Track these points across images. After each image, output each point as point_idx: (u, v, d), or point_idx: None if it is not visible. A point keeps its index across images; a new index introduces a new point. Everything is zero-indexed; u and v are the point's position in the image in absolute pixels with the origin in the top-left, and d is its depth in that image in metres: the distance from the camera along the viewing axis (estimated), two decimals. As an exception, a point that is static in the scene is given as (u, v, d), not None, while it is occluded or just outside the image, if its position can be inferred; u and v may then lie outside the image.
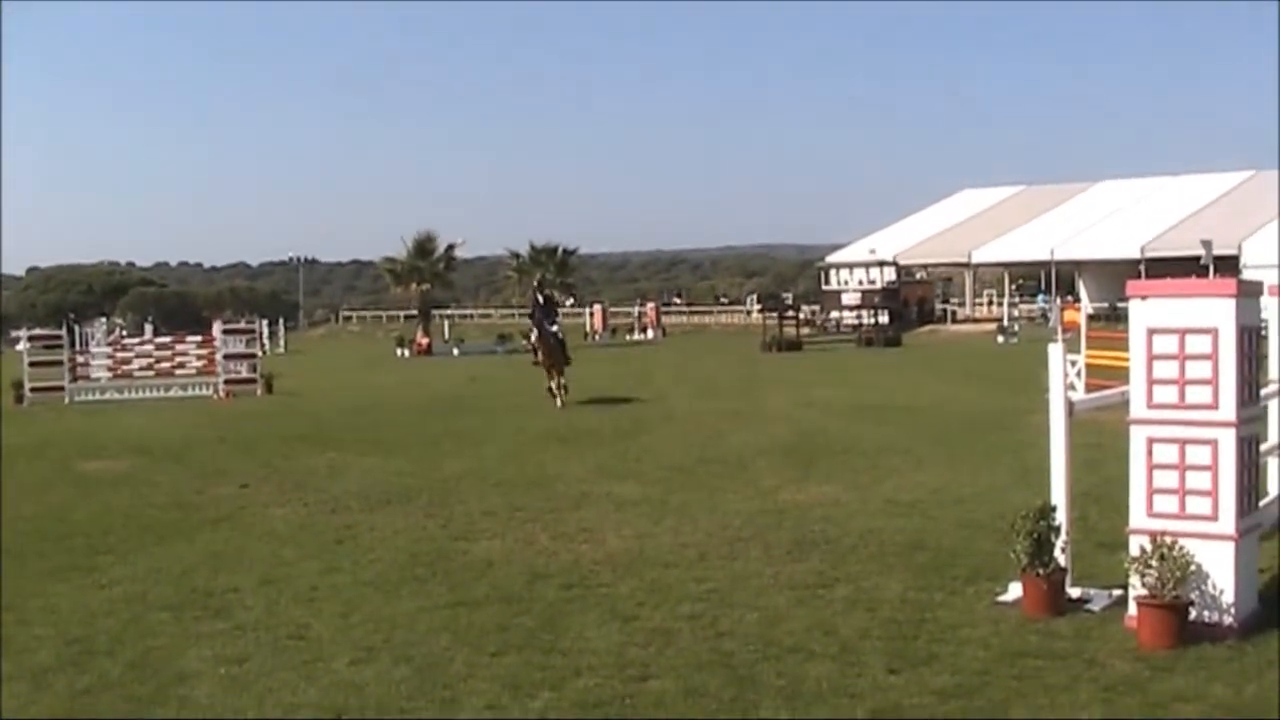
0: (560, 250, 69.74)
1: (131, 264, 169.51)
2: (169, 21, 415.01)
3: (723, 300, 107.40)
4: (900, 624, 8.70)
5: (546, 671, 7.78)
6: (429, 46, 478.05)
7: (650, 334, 75.55)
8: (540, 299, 28.10)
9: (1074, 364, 16.97)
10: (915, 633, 8.47)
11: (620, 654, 8.12)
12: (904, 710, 6.98)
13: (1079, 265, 70.81)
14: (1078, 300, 63.07)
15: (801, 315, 62.86)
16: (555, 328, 27.20)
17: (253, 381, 35.32)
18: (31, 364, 35.73)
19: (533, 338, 28.22)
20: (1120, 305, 43.35)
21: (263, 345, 53.47)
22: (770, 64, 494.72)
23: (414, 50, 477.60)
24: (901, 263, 72.98)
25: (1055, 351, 9.29)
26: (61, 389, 34.29)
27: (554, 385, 26.53)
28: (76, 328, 61.57)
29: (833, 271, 73.52)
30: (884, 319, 60.96)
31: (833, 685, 7.40)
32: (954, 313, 76.15)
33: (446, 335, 72.53)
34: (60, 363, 35.60)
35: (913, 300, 71.96)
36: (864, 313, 64.01)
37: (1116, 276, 48.03)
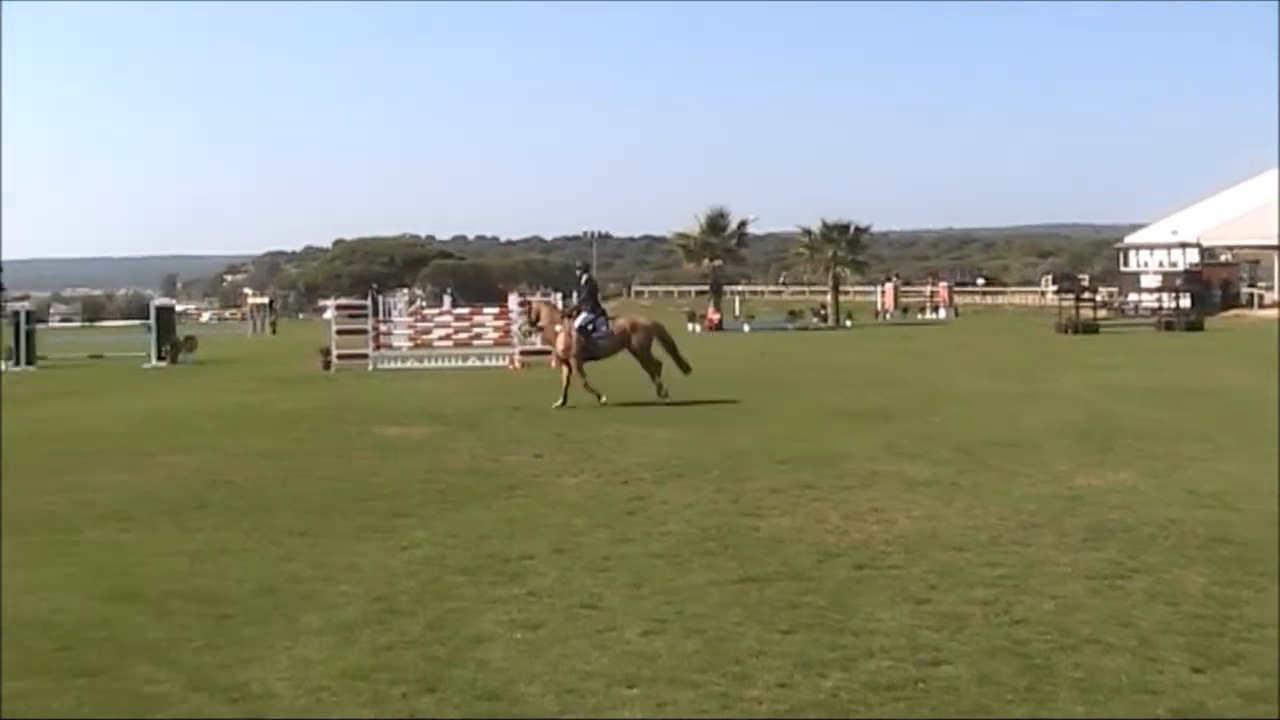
0: (852, 227, 68.94)
1: (431, 237, 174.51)
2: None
3: (979, 281, 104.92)
4: (1203, 620, 8.38)
5: (837, 651, 7.74)
6: (722, 24, 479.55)
7: (942, 313, 74.44)
8: (584, 281, 25.01)
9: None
10: (1219, 630, 8.15)
11: (911, 636, 8.03)
12: (1208, 711, 6.73)
13: (1402, 246, 67.08)
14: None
15: (1098, 297, 60.99)
16: (588, 318, 23.94)
17: (546, 353, 35.93)
18: (338, 332, 37.11)
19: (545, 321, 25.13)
20: None
21: (556, 317, 54.36)
22: (1067, 37, 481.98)
23: (708, 28, 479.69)
24: (1205, 244, 70.30)
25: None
26: (365, 356, 35.58)
27: (568, 383, 23.26)
28: (379, 298, 63.57)
29: (1132, 253, 71.33)
30: (1185, 302, 58.76)
31: (1131, 680, 7.18)
32: (1260, 297, 72.84)
33: (737, 311, 72.64)
34: (364, 331, 36.96)
35: (1215, 283, 69.23)
36: (1164, 295, 61.81)
37: None
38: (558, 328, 24.30)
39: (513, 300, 38.91)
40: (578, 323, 23.92)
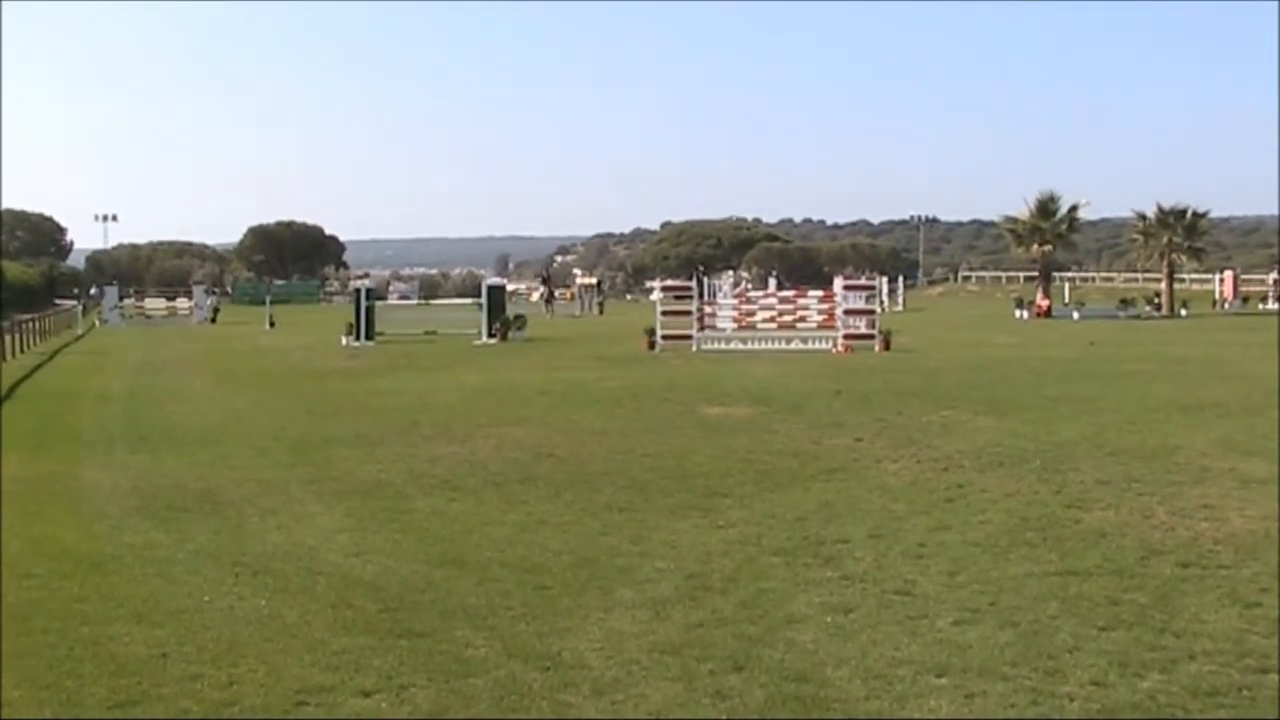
0: (1189, 212, 66.20)
1: (758, 220, 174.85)
2: None
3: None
4: None
5: (1157, 652, 7.48)
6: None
7: (1287, 304, 70.93)
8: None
9: None
10: None
11: (1239, 641, 7.68)
12: None
13: None
14: None
15: None
16: None
17: (871, 337, 35.75)
18: (663, 313, 37.54)
19: None
20: None
21: (881, 302, 54.15)
22: None
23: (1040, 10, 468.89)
24: None
25: None
26: (689, 337, 35.93)
27: None
28: (705, 280, 64.11)
29: None
30: None
31: None
32: None
33: (1066, 298, 70.88)
34: (689, 312, 37.34)
35: None
36: None
37: None
38: None
39: (838, 284, 38.80)
40: None
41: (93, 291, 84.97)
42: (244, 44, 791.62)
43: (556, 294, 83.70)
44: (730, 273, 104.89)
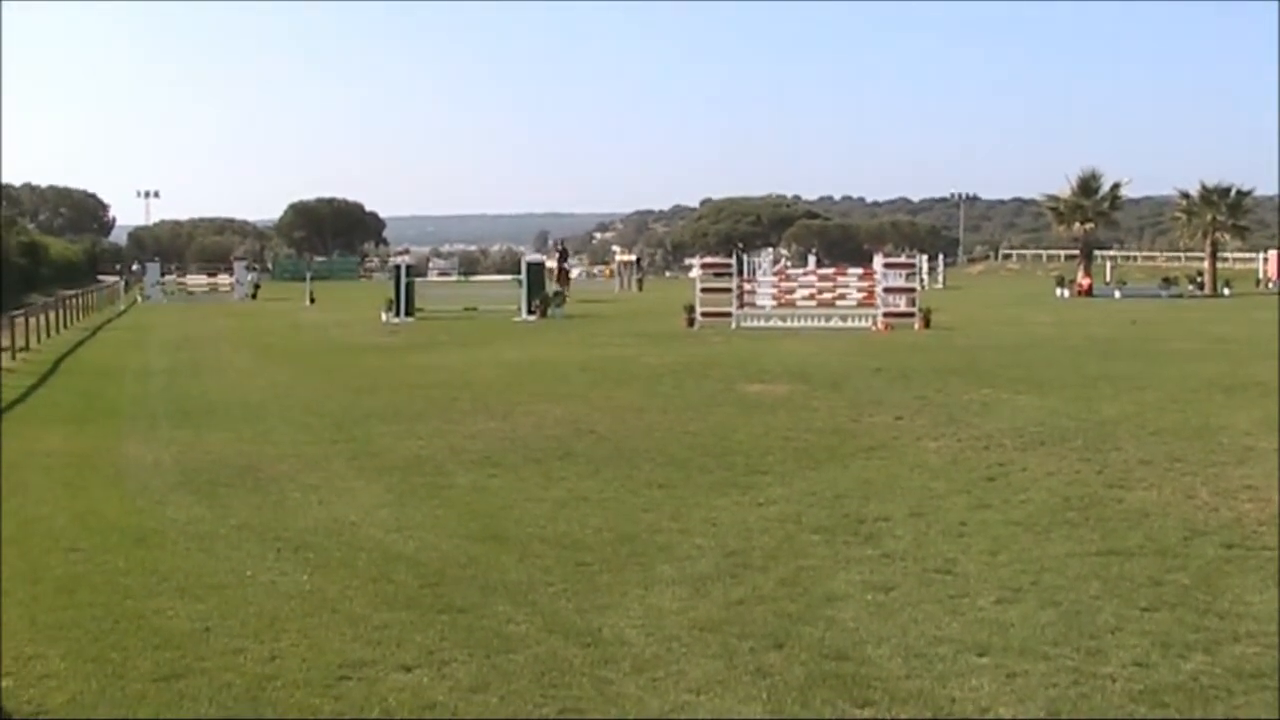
0: (1233, 190, 65.51)
1: (797, 197, 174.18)
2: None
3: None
4: None
5: (1201, 633, 7.42)
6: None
7: (1331, 283, 70.28)
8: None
9: None
10: None
11: (1283, 622, 7.63)
12: None
13: None
14: None
15: None
16: None
17: (910, 315, 35.61)
18: (703, 290, 37.56)
19: None
20: None
21: (921, 280, 53.93)
22: None
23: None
24: None
25: None
26: (729, 314, 35.92)
27: None
28: (744, 257, 63.86)
29: None
30: None
31: None
32: None
33: (1108, 277, 70.47)
34: (729, 290, 37.33)
35: None
36: None
37: None
38: None
39: (878, 262, 38.67)
40: None
41: (135, 268, 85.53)
42: (284, 20, 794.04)
43: (595, 272, 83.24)
44: (769, 250, 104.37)
